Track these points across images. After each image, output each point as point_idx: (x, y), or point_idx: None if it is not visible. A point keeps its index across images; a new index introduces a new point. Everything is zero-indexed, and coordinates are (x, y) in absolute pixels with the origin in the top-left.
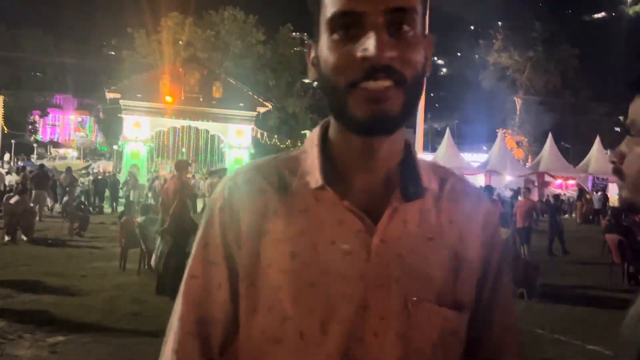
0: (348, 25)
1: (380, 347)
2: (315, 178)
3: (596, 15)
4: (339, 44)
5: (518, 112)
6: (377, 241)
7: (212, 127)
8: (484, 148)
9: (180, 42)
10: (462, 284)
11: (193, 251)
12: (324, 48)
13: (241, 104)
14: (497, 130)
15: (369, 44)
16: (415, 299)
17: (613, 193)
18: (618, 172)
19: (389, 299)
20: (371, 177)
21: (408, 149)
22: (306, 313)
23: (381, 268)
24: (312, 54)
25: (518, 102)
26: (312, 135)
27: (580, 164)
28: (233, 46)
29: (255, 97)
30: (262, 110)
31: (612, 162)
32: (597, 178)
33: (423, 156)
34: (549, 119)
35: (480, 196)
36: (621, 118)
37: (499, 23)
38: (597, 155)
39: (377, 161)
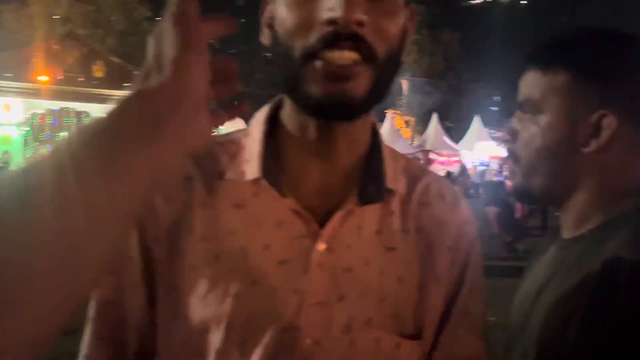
0: None
1: None
2: (252, 168)
3: (476, 1)
4: (298, 2)
5: (405, 94)
6: (320, 249)
7: (95, 108)
8: None
9: (56, 16)
10: (425, 307)
11: None
12: (282, 5)
13: (126, 84)
14: (386, 112)
15: (336, 3)
16: (362, 323)
17: (492, 169)
18: (512, 153)
19: (328, 321)
20: (326, 171)
21: (375, 140)
22: (225, 329)
23: (322, 282)
24: (267, 13)
25: (405, 83)
26: (258, 115)
27: (461, 142)
28: (116, 22)
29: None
30: None
31: (504, 142)
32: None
33: None
34: (433, 99)
35: (457, 201)
36: (496, 99)
37: None
38: (477, 133)
39: (335, 152)
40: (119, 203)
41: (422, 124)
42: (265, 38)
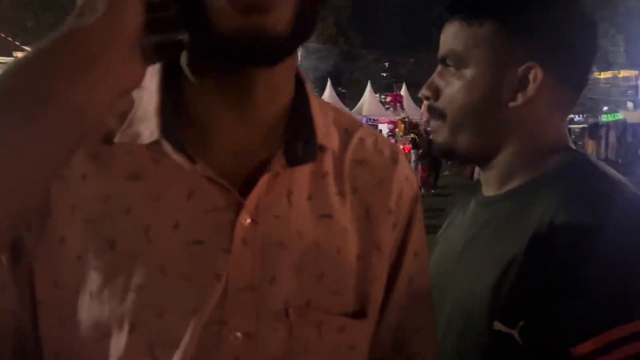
0: None
1: None
2: (150, 128)
3: None
4: None
5: (299, 59)
6: (245, 222)
7: None
8: None
9: None
10: (367, 280)
11: None
12: None
13: None
14: None
15: None
16: (300, 305)
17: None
18: (434, 111)
19: (260, 308)
20: (243, 127)
21: (301, 88)
22: (129, 331)
23: (249, 262)
24: None
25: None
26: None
27: (355, 108)
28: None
29: (10, 39)
30: (19, 55)
31: (425, 98)
32: (370, 119)
33: None
34: (326, 65)
35: (396, 156)
36: (386, 64)
37: None
38: (369, 99)
39: (253, 104)
40: (45, 140)
41: (317, 89)
42: None
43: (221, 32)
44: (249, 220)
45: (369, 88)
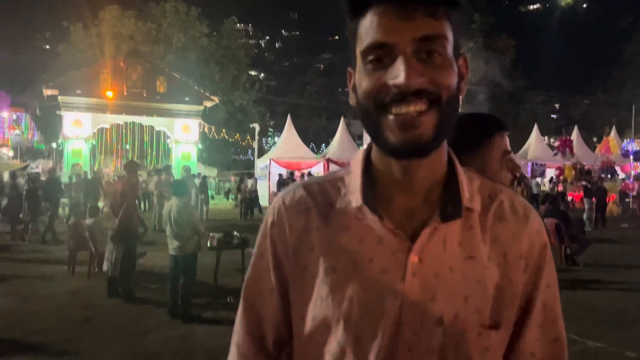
0: (380, 56)
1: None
2: (356, 198)
3: (531, 7)
4: (372, 73)
5: (461, 103)
6: (413, 260)
7: (157, 122)
8: None
9: (121, 35)
10: (502, 303)
11: (252, 259)
12: (360, 76)
13: (187, 99)
14: None
15: (399, 72)
16: (451, 316)
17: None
18: None
19: (424, 315)
20: (411, 197)
21: (451, 164)
22: (343, 327)
23: (416, 286)
24: (352, 81)
25: None
26: (357, 155)
27: (520, 151)
28: (176, 39)
29: (201, 91)
30: (208, 104)
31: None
32: (536, 164)
33: None
34: (489, 108)
35: (528, 214)
36: (557, 106)
37: None
38: (535, 142)
39: (416, 182)
40: None
41: None
42: (351, 100)
43: (390, 141)
44: (416, 259)
45: (535, 130)
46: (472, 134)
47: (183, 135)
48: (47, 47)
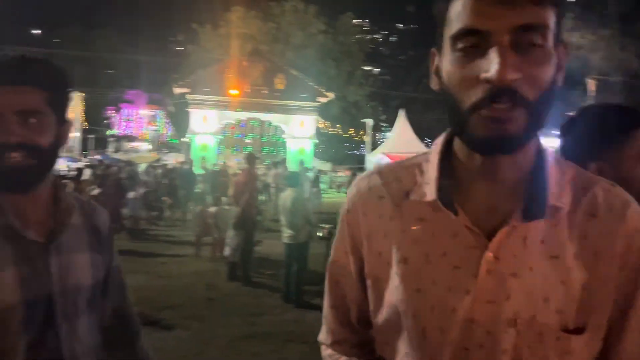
0: (472, 44)
1: (484, 359)
2: (430, 191)
3: None
4: (462, 61)
5: (592, 95)
6: (489, 258)
7: (276, 118)
8: (554, 132)
9: (244, 35)
10: (590, 306)
11: (335, 241)
12: (447, 62)
13: (303, 95)
14: (569, 113)
15: (492, 66)
16: (527, 318)
17: None
18: None
19: (497, 315)
20: (492, 192)
21: (540, 158)
22: (412, 317)
23: (490, 285)
24: (435, 63)
25: (592, 84)
26: (436, 143)
27: None
28: (294, 37)
29: (317, 87)
30: (323, 100)
31: None
32: None
33: None
34: (625, 99)
35: (625, 209)
36: None
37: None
38: None
39: (499, 178)
40: None
41: None
42: (434, 84)
43: (478, 136)
44: (492, 256)
45: None
46: (606, 128)
47: (299, 131)
48: (179, 48)
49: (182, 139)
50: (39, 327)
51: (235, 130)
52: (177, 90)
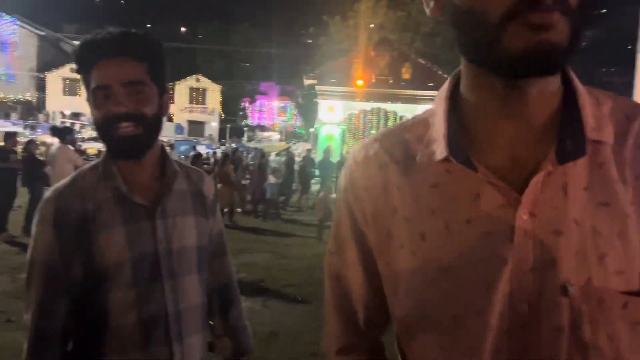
0: None
1: (533, 341)
2: (440, 148)
3: None
4: None
5: None
6: (523, 216)
7: (401, 108)
8: None
9: (372, 25)
10: None
11: (332, 228)
12: None
13: (430, 84)
14: None
15: None
16: (581, 283)
17: None
18: None
19: (542, 285)
20: (517, 136)
21: (569, 87)
22: (438, 305)
23: (530, 249)
24: None
25: None
26: (440, 92)
27: None
28: (424, 25)
29: (445, 75)
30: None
31: None
32: None
33: None
34: None
35: None
36: None
37: None
38: None
39: (527, 112)
40: None
41: None
42: (431, 10)
43: (513, 51)
44: (526, 215)
45: None
46: None
47: None
48: (310, 41)
49: (309, 129)
50: (146, 282)
51: (359, 120)
52: (307, 82)
